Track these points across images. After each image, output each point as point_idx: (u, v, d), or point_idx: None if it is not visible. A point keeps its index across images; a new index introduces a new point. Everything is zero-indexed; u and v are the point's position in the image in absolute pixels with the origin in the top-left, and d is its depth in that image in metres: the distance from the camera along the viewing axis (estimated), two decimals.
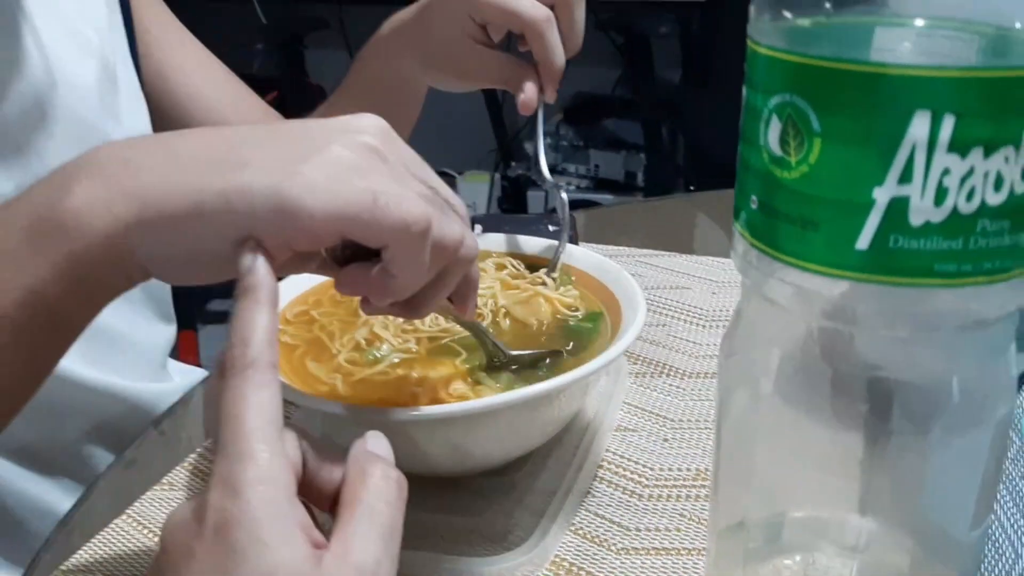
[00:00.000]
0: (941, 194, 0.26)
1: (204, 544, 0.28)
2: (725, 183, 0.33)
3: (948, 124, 0.25)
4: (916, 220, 0.26)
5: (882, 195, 0.26)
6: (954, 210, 0.26)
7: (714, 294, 0.71)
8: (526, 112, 0.58)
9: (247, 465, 0.28)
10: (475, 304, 0.43)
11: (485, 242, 0.62)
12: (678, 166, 2.43)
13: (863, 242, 0.27)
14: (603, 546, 0.46)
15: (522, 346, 0.51)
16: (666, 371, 0.61)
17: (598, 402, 0.56)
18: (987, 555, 0.43)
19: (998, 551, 0.43)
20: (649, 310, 0.63)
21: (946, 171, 0.26)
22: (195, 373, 0.79)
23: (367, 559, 0.29)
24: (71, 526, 0.51)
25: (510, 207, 2.50)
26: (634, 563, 0.45)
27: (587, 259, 0.58)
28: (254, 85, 0.80)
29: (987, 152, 0.25)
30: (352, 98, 0.71)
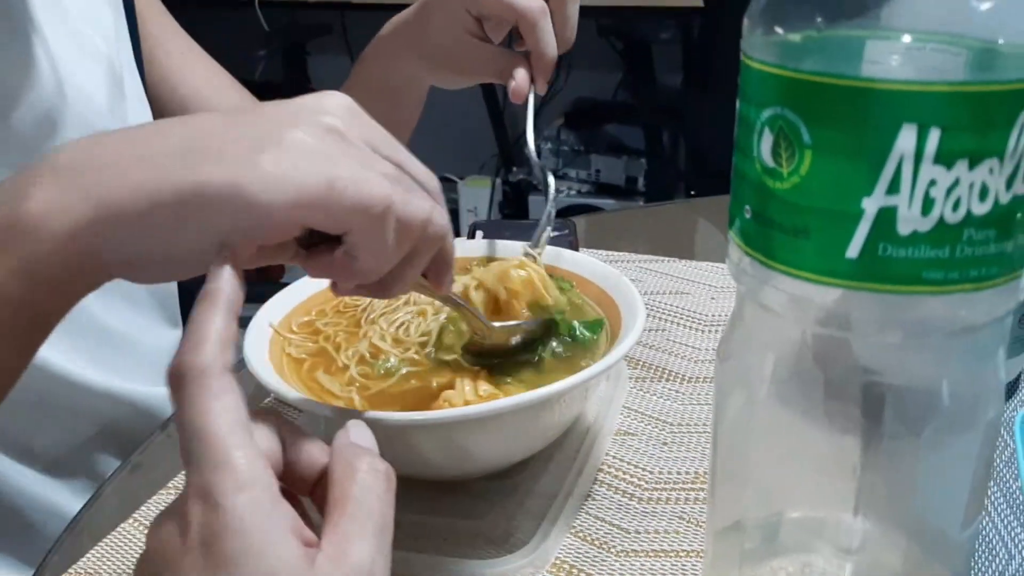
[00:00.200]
0: (928, 204, 0.27)
1: (193, 559, 0.27)
2: (725, 188, 0.33)
3: (934, 137, 0.26)
4: (904, 229, 0.27)
5: (871, 205, 0.27)
6: (941, 220, 0.27)
7: (713, 299, 0.72)
8: (516, 100, 0.60)
9: (224, 474, 0.27)
10: (451, 280, 0.43)
11: (486, 248, 0.63)
12: (679, 171, 2.44)
13: (853, 251, 0.28)
14: (603, 549, 0.47)
15: (502, 318, 0.50)
16: (665, 375, 0.62)
17: (598, 406, 0.57)
18: (981, 556, 0.43)
19: (991, 552, 0.43)
20: (649, 315, 0.64)
21: (933, 182, 0.26)
22: None
23: (363, 558, 0.28)
24: (79, 529, 0.52)
25: (511, 212, 2.50)
26: (634, 565, 0.46)
27: (587, 265, 0.59)
28: (257, 91, 0.81)
29: (972, 164, 0.26)
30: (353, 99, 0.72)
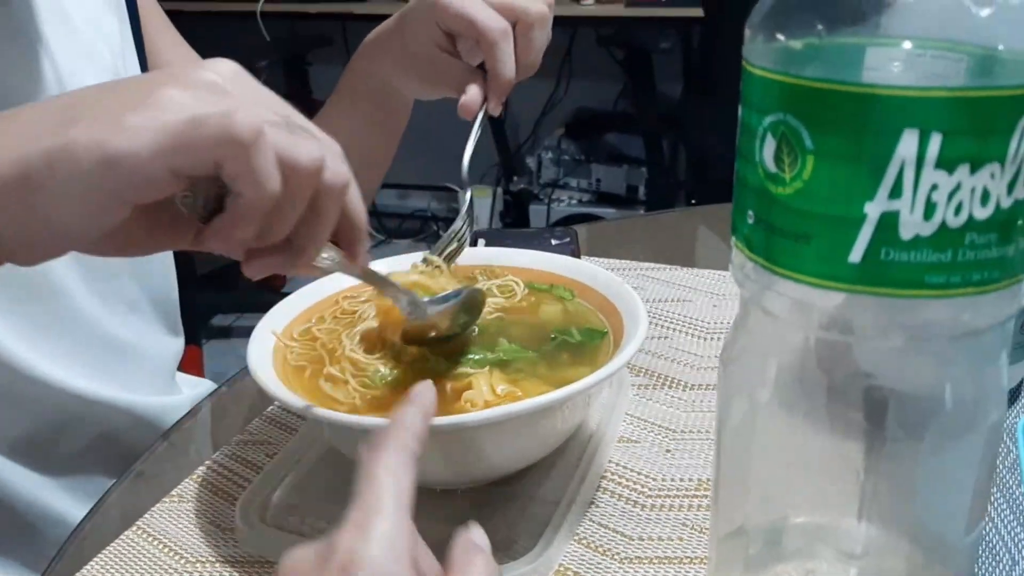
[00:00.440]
0: (930, 209, 0.27)
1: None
2: (726, 197, 0.34)
3: (935, 142, 0.26)
4: (906, 234, 0.27)
5: (873, 210, 0.27)
6: (943, 224, 0.27)
7: (715, 306, 0.72)
8: (465, 115, 0.60)
9: (379, 519, 0.31)
10: (365, 250, 0.42)
11: (488, 256, 0.63)
12: (680, 180, 2.45)
13: (856, 255, 0.28)
14: (606, 555, 0.47)
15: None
16: (668, 383, 0.62)
17: (601, 413, 0.57)
18: (984, 561, 0.43)
19: (995, 558, 0.43)
20: (651, 323, 0.64)
21: (934, 187, 0.26)
22: (203, 385, 0.80)
23: None
24: (83, 537, 0.52)
25: (512, 221, 2.51)
26: (637, 572, 0.46)
27: (589, 272, 0.59)
28: None
29: (973, 168, 0.26)
30: (342, 103, 0.72)
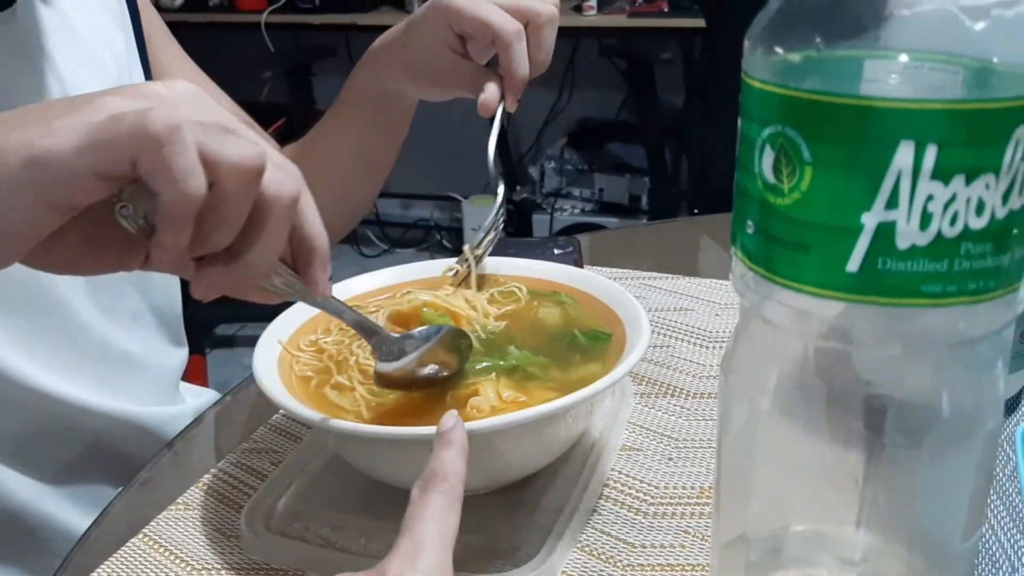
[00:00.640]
0: (926, 219, 0.27)
1: None
2: (728, 206, 0.34)
3: (931, 153, 0.26)
4: (903, 244, 0.28)
5: (870, 220, 0.28)
6: (939, 234, 0.27)
7: (717, 315, 0.72)
8: (484, 113, 0.62)
9: (427, 552, 0.35)
10: (326, 277, 0.41)
11: (491, 265, 0.63)
12: (681, 190, 2.45)
13: (853, 265, 0.28)
14: (609, 563, 0.47)
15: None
16: (670, 391, 0.63)
17: (603, 422, 0.57)
18: (983, 568, 0.44)
19: (995, 565, 0.44)
20: (653, 331, 0.64)
21: (930, 197, 0.27)
22: (207, 395, 0.80)
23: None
24: (88, 545, 0.52)
25: (515, 231, 2.51)
26: None
27: (591, 281, 0.59)
28: (263, 112, 0.82)
29: (969, 179, 0.27)
30: (344, 109, 0.73)
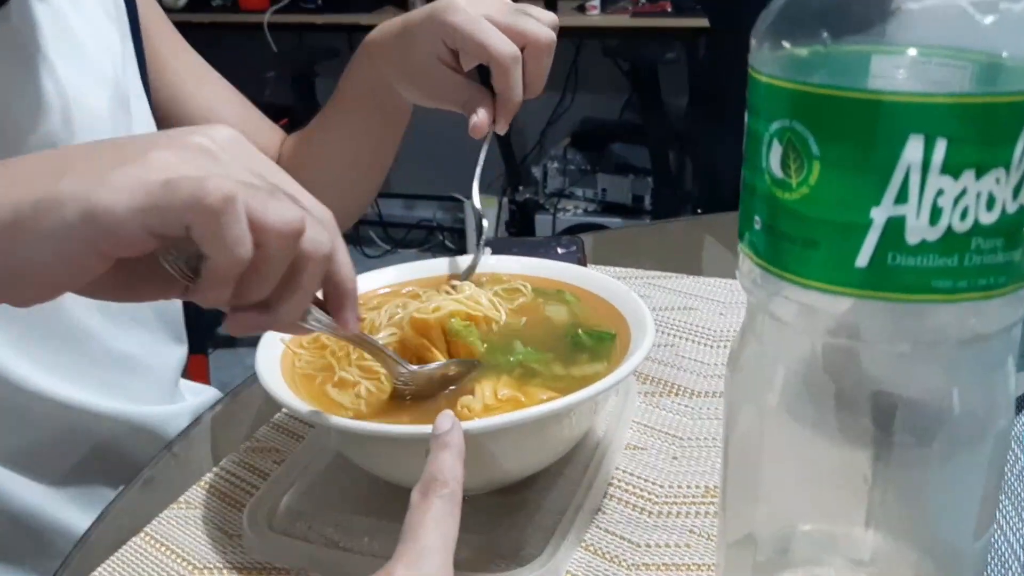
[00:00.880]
0: (936, 214, 0.27)
1: None
2: (732, 206, 0.34)
3: (941, 147, 0.26)
4: (912, 239, 0.27)
5: (879, 215, 0.27)
6: (949, 229, 0.27)
7: (721, 315, 0.72)
8: (475, 135, 0.61)
9: (430, 556, 0.36)
10: (355, 317, 0.42)
11: (495, 264, 0.63)
12: (685, 190, 2.45)
13: (862, 260, 0.28)
14: (614, 562, 0.47)
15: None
16: (675, 390, 0.62)
17: (608, 421, 0.57)
18: (993, 570, 0.43)
19: (1004, 565, 0.43)
20: (657, 331, 0.64)
21: (940, 192, 0.27)
22: (207, 392, 0.80)
23: None
24: (90, 544, 0.52)
25: (518, 230, 2.51)
26: None
27: (596, 281, 0.59)
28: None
29: (979, 174, 0.26)
30: (342, 103, 0.72)
